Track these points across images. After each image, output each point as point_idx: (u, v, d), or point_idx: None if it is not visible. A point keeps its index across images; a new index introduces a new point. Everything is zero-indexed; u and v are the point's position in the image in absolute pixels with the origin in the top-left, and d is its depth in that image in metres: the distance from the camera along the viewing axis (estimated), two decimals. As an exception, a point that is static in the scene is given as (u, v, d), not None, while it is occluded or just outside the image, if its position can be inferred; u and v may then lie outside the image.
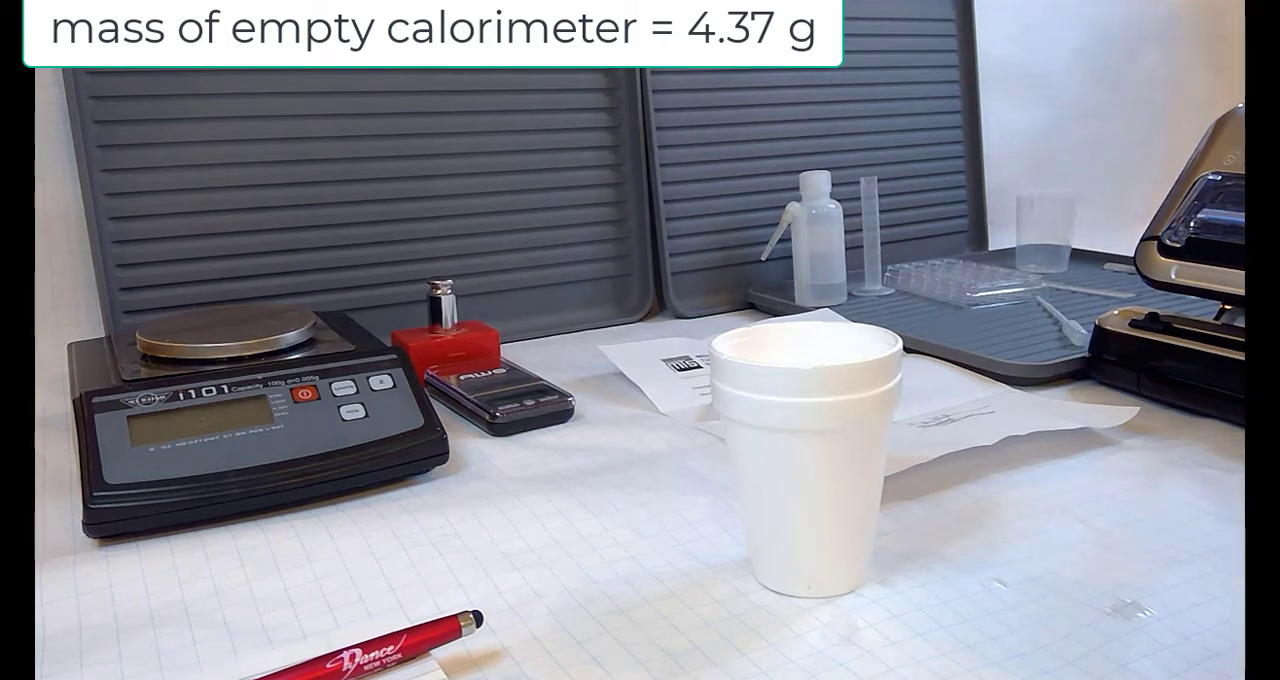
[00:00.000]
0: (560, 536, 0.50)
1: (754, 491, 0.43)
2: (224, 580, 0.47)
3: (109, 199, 0.78)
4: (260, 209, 0.83)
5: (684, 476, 0.57)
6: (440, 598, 0.45)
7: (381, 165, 0.87)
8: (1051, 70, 1.32)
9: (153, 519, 0.51)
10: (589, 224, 0.97)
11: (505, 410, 0.66)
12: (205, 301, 0.81)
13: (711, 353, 0.43)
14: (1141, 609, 0.42)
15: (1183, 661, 0.38)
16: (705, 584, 0.45)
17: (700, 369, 0.76)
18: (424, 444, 0.58)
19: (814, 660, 0.39)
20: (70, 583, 0.47)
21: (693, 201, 1.01)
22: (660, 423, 0.67)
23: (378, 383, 0.60)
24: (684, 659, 0.39)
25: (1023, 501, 0.52)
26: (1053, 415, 0.61)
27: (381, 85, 0.86)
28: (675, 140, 0.99)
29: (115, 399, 0.56)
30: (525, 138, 0.92)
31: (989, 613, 0.42)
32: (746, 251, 1.03)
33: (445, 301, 0.78)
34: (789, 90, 1.05)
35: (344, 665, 0.37)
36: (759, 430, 0.42)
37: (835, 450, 0.41)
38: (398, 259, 0.88)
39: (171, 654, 0.41)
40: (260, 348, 0.63)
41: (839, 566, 0.44)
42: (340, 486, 0.56)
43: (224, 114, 0.81)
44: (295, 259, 0.84)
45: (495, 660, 0.40)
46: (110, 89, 0.77)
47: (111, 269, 0.78)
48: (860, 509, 0.43)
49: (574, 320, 0.95)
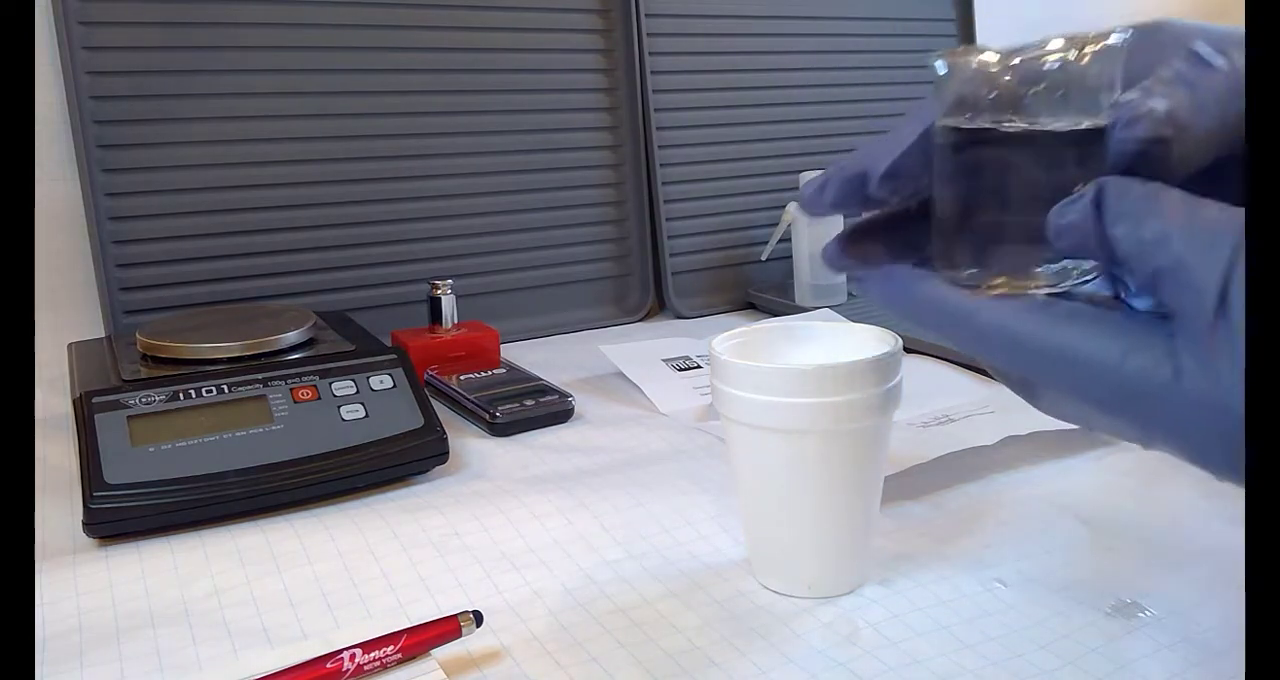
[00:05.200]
0: (560, 536, 0.50)
1: (754, 491, 0.43)
2: (224, 580, 0.47)
3: (109, 199, 0.78)
4: (260, 209, 0.83)
5: (684, 476, 0.57)
6: (440, 598, 0.45)
7: (381, 165, 0.87)
8: (1051, 70, 1.32)
9: (153, 519, 0.51)
10: (589, 224, 0.97)
11: (505, 410, 0.66)
12: (205, 301, 0.81)
13: (711, 353, 0.43)
14: (1142, 609, 0.42)
15: (1183, 661, 0.38)
16: (705, 584, 0.45)
17: (700, 369, 0.76)
18: (424, 444, 0.58)
19: (814, 660, 0.39)
20: (70, 583, 0.47)
21: (693, 201, 1.01)
22: (660, 423, 0.67)
23: (378, 383, 0.60)
24: (684, 659, 0.39)
25: (1023, 501, 0.52)
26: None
27: (382, 85, 0.86)
28: (675, 140, 0.99)
29: (115, 399, 0.56)
30: (525, 137, 0.92)
31: (989, 613, 0.42)
32: (746, 251, 1.03)
33: (445, 301, 0.78)
34: (789, 90, 1.05)
35: (344, 665, 0.37)
36: (759, 430, 0.42)
37: (835, 450, 0.41)
38: (398, 259, 0.88)
39: (171, 654, 0.41)
40: (260, 348, 0.63)
41: (839, 567, 0.44)
42: (340, 486, 0.56)
43: (224, 114, 0.81)
44: (295, 259, 0.84)
45: (495, 660, 0.40)
46: (110, 89, 0.77)
47: (111, 269, 0.78)
48: (860, 509, 0.43)
49: (574, 320, 0.95)
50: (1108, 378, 0.29)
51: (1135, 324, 0.29)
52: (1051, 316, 0.30)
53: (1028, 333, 0.30)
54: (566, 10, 0.93)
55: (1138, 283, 0.29)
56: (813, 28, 1.07)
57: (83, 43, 0.76)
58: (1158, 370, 0.28)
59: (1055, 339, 0.30)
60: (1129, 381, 0.29)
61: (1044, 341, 0.30)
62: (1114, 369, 0.29)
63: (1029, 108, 0.30)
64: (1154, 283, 0.28)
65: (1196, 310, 0.27)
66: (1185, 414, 0.28)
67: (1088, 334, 0.30)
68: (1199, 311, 0.27)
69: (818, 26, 1.07)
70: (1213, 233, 0.27)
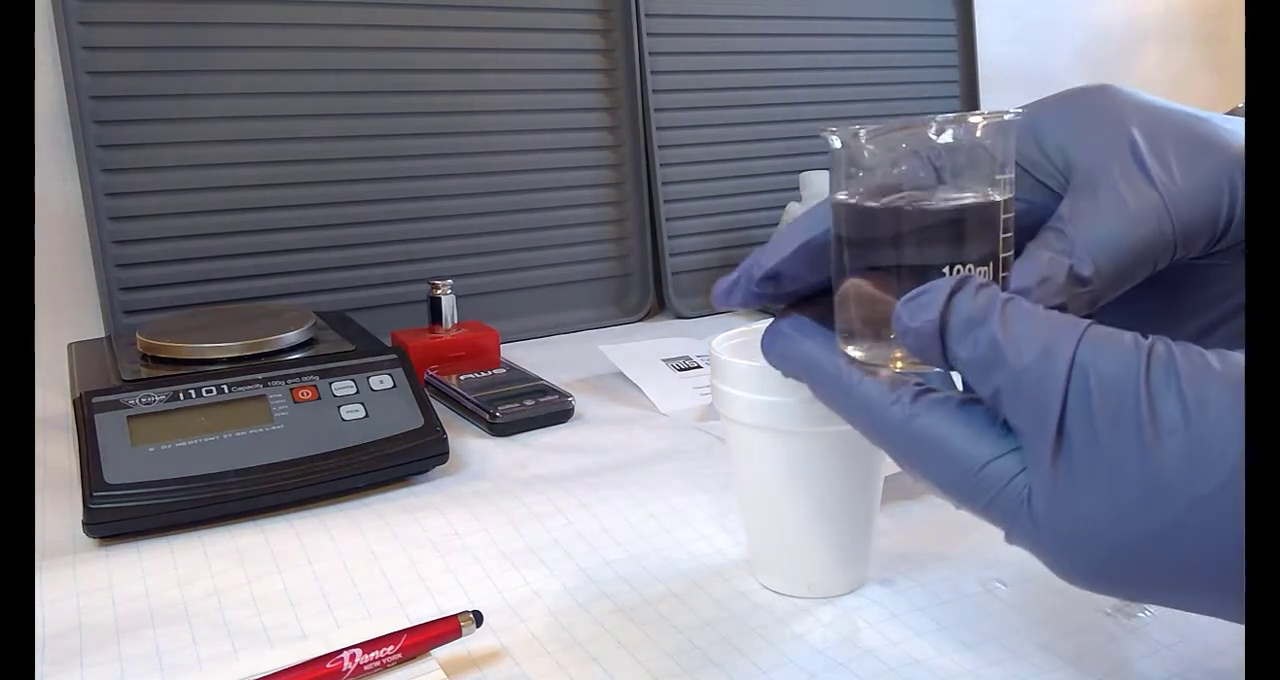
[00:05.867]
0: (560, 536, 0.50)
1: (754, 491, 0.43)
2: (224, 580, 0.47)
3: (109, 199, 0.78)
4: (260, 209, 0.83)
5: (684, 476, 0.57)
6: (440, 598, 0.45)
7: (381, 165, 0.87)
8: (1051, 71, 1.32)
9: (153, 519, 0.51)
10: (589, 224, 0.97)
11: (505, 410, 0.66)
12: (205, 301, 0.81)
13: (711, 353, 0.43)
14: (1142, 609, 0.42)
15: (1183, 661, 0.38)
16: (705, 584, 0.45)
17: (700, 369, 0.76)
18: (424, 444, 0.58)
19: (814, 660, 0.39)
20: (70, 583, 0.47)
21: (693, 201, 1.01)
22: (660, 423, 0.67)
23: (378, 383, 0.60)
24: (684, 659, 0.39)
25: (1023, 501, 0.52)
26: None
27: (381, 85, 0.86)
28: (675, 140, 0.99)
29: (115, 399, 0.56)
30: (525, 138, 0.92)
31: (989, 613, 0.42)
32: (746, 251, 1.02)
33: (445, 301, 0.78)
34: (789, 90, 1.05)
35: (344, 665, 0.37)
36: (758, 431, 0.42)
37: (835, 450, 0.41)
38: (398, 259, 0.88)
39: (171, 654, 0.41)
40: (260, 348, 0.63)
41: (839, 567, 0.44)
42: (340, 486, 0.56)
43: (224, 114, 0.81)
44: (295, 259, 0.84)
45: (495, 660, 0.40)
46: (110, 89, 0.77)
47: (111, 269, 0.78)
48: (860, 509, 0.43)
49: (574, 320, 0.95)
50: (967, 482, 0.29)
51: (999, 428, 0.28)
52: (924, 405, 0.29)
53: (896, 419, 0.30)
54: (566, 10, 0.94)
55: (984, 399, 0.28)
56: (813, 28, 1.07)
57: (83, 43, 0.76)
58: (1010, 486, 0.28)
59: (921, 431, 0.29)
60: (985, 490, 0.28)
61: (910, 431, 0.30)
62: (970, 474, 0.29)
63: (918, 182, 0.30)
64: (995, 401, 0.28)
65: (1037, 429, 0.26)
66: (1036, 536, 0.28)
67: (951, 432, 0.29)
68: (1040, 430, 0.26)
69: (818, 26, 1.07)
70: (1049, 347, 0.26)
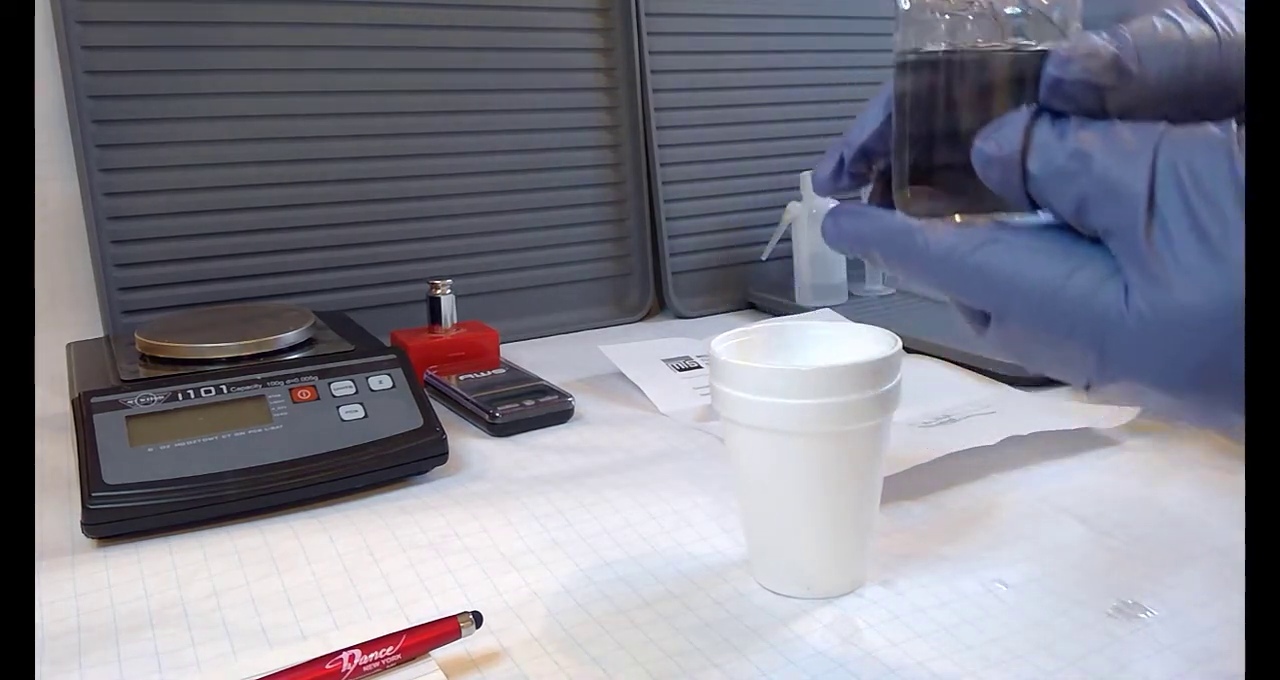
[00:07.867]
0: (560, 537, 0.50)
1: (754, 492, 0.43)
2: (223, 581, 0.47)
3: (109, 199, 0.77)
4: (260, 209, 0.83)
5: (684, 476, 0.57)
6: (440, 598, 0.45)
7: (381, 165, 0.86)
8: (1051, 70, 1.32)
9: (152, 519, 0.51)
10: (588, 224, 0.97)
11: (505, 410, 0.66)
12: (205, 301, 0.80)
13: (711, 354, 0.43)
14: (1143, 609, 0.42)
15: (1184, 662, 0.38)
16: (705, 585, 0.45)
17: (700, 369, 0.76)
18: (423, 444, 0.58)
19: (814, 661, 0.39)
20: (69, 583, 0.47)
21: (693, 201, 1.01)
22: (660, 423, 0.67)
23: (377, 383, 0.60)
24: (684, 659, 0.39)
25: (1023, 501, 0.52)
26: (1053, 415, 0.61)
27: (381, 84, 0.86)
28: (675, 140, 0.99)
29: (114, 399, 0.55)
30: (525, 137, 0.92)
31: (990, 614, 0.42)
32: (746, 251, 1.03)
33: (445, 301, 0.78)
34: (789, 90, 1.05)
35: (343, 666, 0.37)
36: (758, 431, 0.41)
37: (835, 451, 0.41)
38: (398, 259, 0.88)
39: (171, 654, 0.41)
40: (259, 348, 0.63)
41: (839, 567, 0.44)
42: (339, 487, 0.56)
43: (224, 114, 0.81)
44: (295, 259, 0.84)
45: (495, 661, 0.40)
46: (110, 89, 0.77)
47: (111, 269, 0.78)
48: (860, 509, 0.43)
49: (574, 320, 0.95)
50: (1054, 300, 0.29)
51: (1081, 246, 0.29)
52: (997, 242, 0.30)
53: (974, 260, 0.31)
54: (566, 10, 0.93)
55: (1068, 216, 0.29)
56: (813, 27, 1.06)
57: (82, 43, 0.76)
58: (1104, 288, 0.28)
59: (1000, 263, 0.30)
60: (1075, 302, 0.28)
61: (989, 267, 0.30)
62: (1058, 289, 0.29)
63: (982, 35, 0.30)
64: (1081, 210, 0.28)
65: (1129, 222, 0.27)
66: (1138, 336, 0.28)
67: (1033, 257, 0.29)
68: (1132, 222, 0.27)
69: (818, 26, 1.07)
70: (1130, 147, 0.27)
